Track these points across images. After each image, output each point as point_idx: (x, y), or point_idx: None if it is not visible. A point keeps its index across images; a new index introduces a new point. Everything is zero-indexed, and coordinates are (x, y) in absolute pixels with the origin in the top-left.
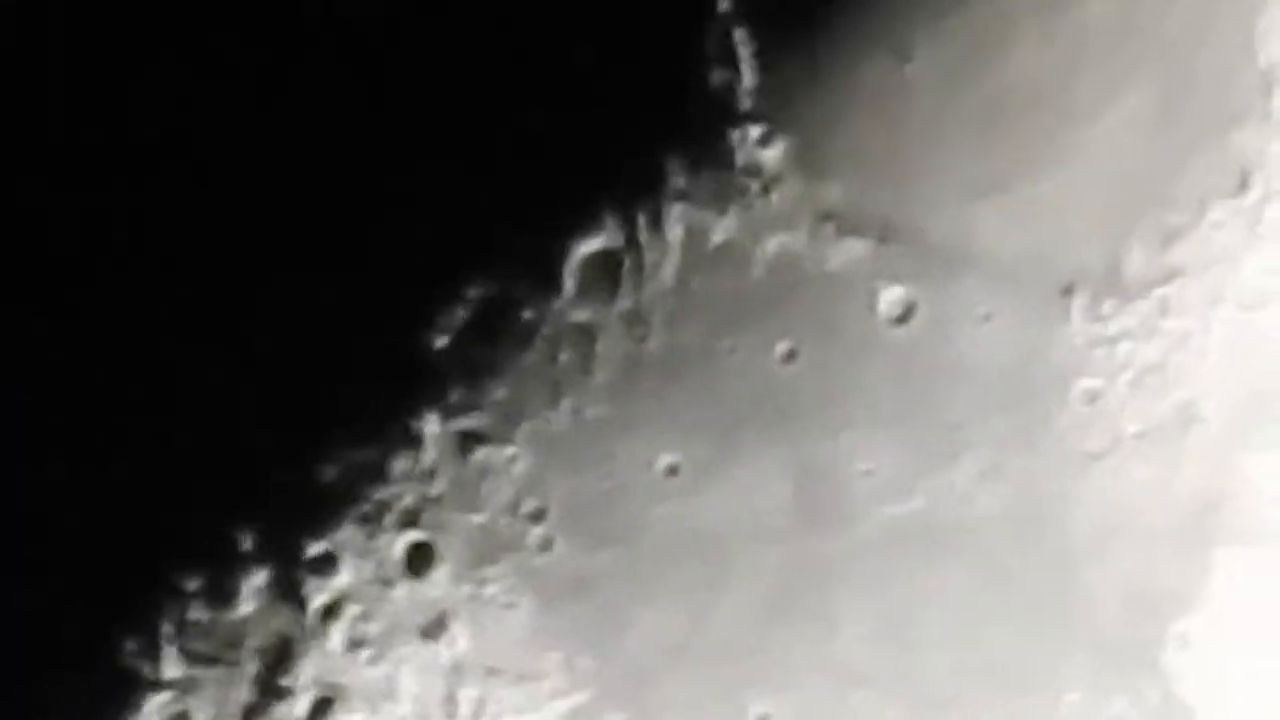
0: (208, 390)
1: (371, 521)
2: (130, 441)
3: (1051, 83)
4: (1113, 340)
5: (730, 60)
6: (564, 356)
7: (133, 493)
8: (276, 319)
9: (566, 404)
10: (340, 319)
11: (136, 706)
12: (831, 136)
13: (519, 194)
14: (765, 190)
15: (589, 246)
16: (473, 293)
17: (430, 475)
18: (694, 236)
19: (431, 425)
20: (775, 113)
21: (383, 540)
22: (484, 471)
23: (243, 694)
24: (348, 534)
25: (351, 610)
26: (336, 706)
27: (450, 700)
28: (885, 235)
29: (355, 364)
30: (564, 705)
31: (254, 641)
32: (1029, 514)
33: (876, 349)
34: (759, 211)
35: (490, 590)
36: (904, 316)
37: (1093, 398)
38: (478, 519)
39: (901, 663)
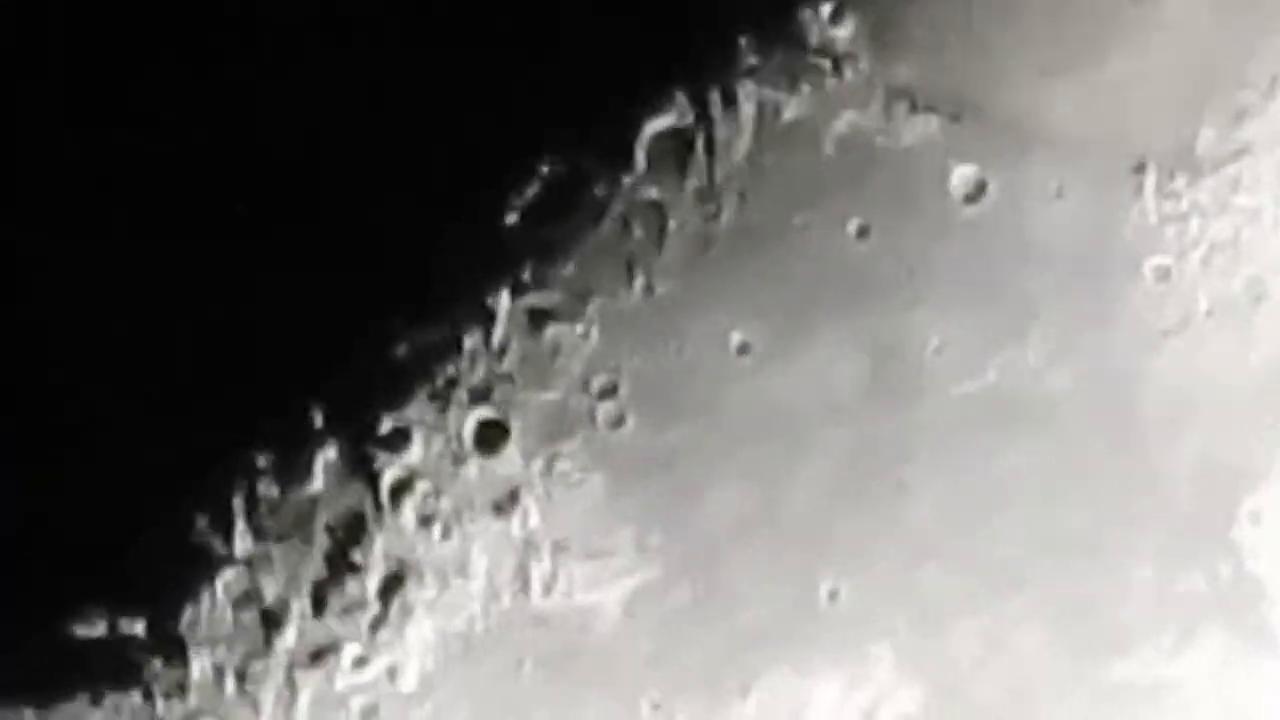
0: (281, 266)
1: (442, 398)
2: (203, 319)
3: None
4: (1184, 217)
5: None
6: (635, 233)
7: (204, 369)
8: (348, 196)
9: (638, 281)
10: (412, 196)
11: (208, 582)
12: (903, 14)
13: (591, 71)
14: (837, 68)
15: (660, 124)
16: (544, 170)
17: (501, 352)
18: (765, 114)
19: (502, 302)
20: None
21: (454, 416)
22: (555, 348)
23: (314, 570)
24: (419, 410)
25: (423, 486)
26: (408, 582)
27: (521, 575)
28: (957, 113)
29: (426, 241)
30: (634, 581)
31: (325, 518)
32: (1101, 391)
33: (948, 226)
34: (830, 89)
35: (561, 467)
36: (976, 194)
37: (1164, 275)
38: (548, 395)
39: (973, 539)
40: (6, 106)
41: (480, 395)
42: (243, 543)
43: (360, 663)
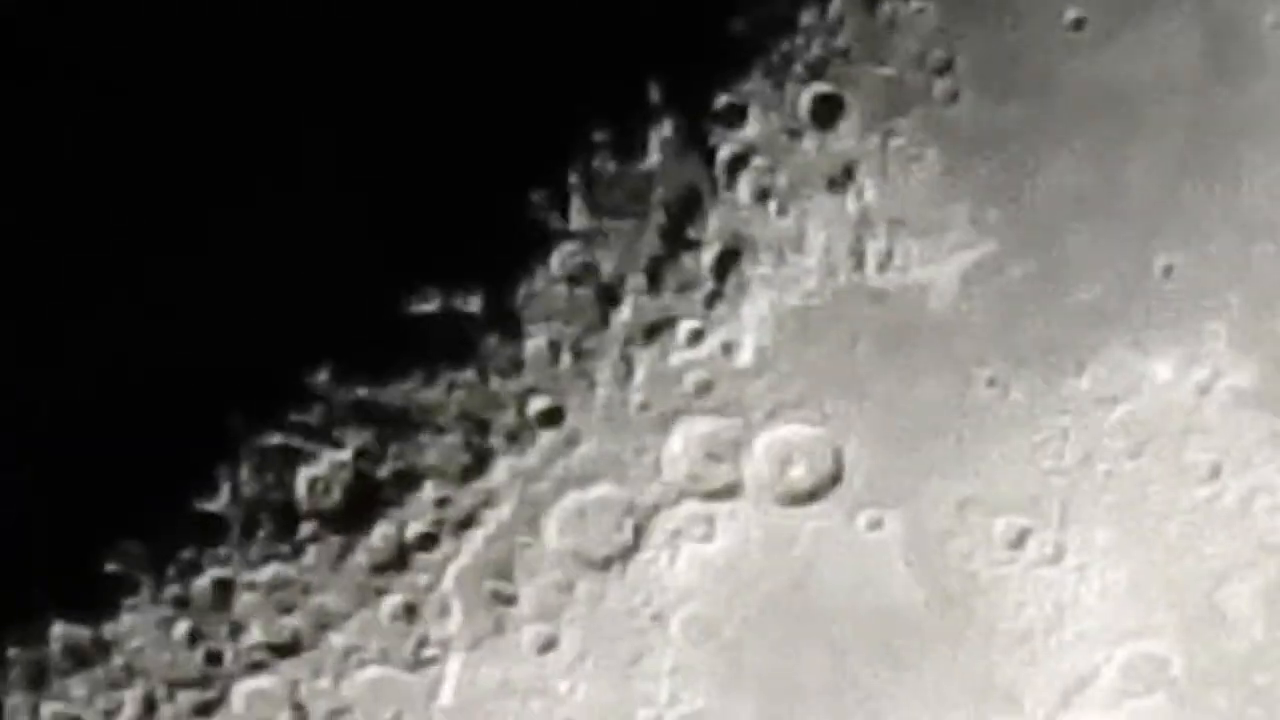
0: None
1: (779, 73)
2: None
3: None
4: None
5: None
6: None
7: (542, 47)
8: None
9: None
10: None
11: (544, 258)
12: None
13: None
14: None
15: None
16: None
17: (837, 27)
18: None
19: None
20: None
21: (790, 91)
22: (891, 23)
23: (649, 245)
24: (755, 85)
25: (759, 161)
26: (743, 258)
27: (856, 251)
28: None
29: None
30: (969, 256)
31: (661, 193)
32: None
33: None
34: None
35: (897, 142)
36: None
37: None
38: (884, 71)
39: None
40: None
41: (816, 70)
42: (579, 218)
43: (695, 338)
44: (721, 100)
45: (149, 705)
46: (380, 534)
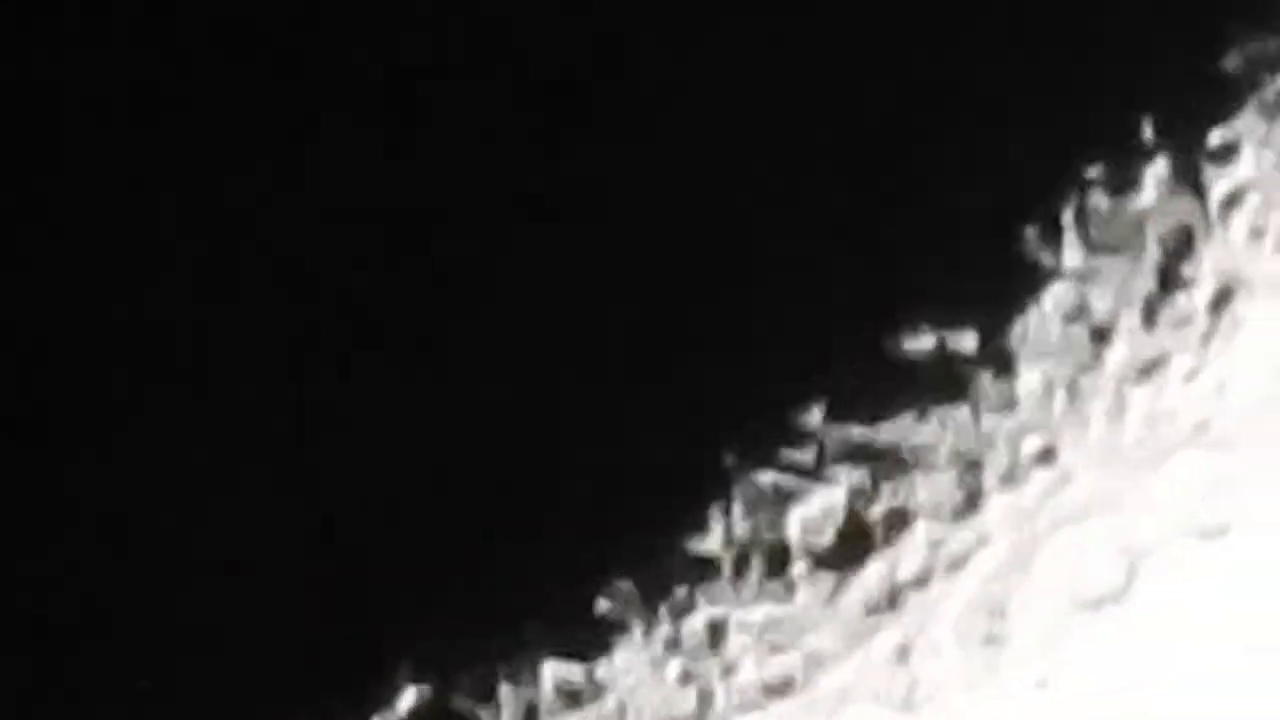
0: None
1: (1273, 110)
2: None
3: None
4: None
5: None
6: None
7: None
8: None
9: None
10: None
11: (1038, 296)
12: None
13: None
14: None
15: None
16: None
17: None
18: None
19: None
20: None
21: None
22: None
23: (1143, 283)
24: (1249, 123)
25: (1253, 200)
26: (1237, 296)
27: None
28: None
29: None
30: None
31: (1155, 230)
32: None
33: None
34: None
35: None
36: None
37: None
38: None
39: None
40: None
41: None
42: (1072, 256)
43: (1190, 377)
44: (1214, 138)
45: None
46: (873, 573)
